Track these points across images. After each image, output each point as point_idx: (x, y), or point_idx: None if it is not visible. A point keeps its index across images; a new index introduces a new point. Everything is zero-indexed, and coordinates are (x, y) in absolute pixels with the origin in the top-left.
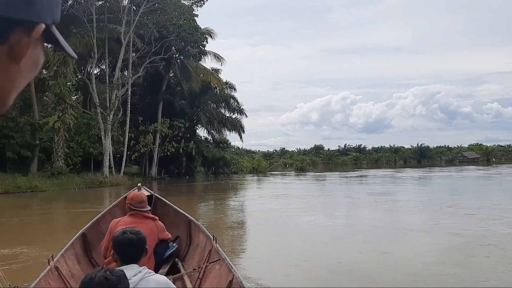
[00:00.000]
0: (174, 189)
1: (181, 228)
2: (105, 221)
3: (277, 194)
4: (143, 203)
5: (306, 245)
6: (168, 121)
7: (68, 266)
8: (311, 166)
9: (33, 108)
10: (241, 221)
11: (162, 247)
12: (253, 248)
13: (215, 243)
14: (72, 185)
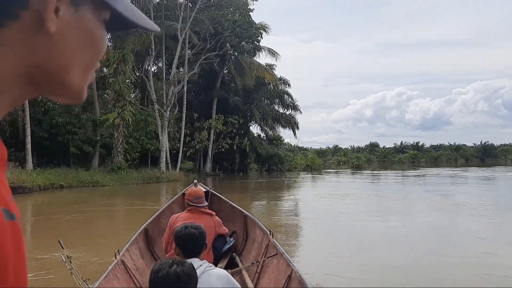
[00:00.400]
0: (228, 186)
1: (237, 223)
2: (165, 217)
3: (335, 194)
4: (201, 199)
5: (366, 247)
6: (223, 118)
7: (133, 260)
8: (367, 164)
9: (95, 105)
10: (298, 221)
11: (220, 242)
12: (310, 248)
13: (272, 238)
14: (130, 180)
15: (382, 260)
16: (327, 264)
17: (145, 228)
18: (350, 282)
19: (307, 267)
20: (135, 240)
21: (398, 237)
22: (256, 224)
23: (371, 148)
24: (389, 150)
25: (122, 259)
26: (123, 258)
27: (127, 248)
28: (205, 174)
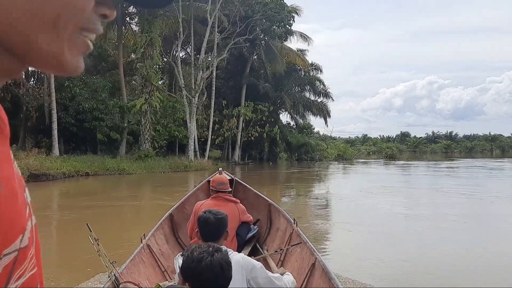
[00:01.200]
0: (258, 176)
1: (261, 211)
2: (190, 204)
3: (373, 187)
4: (225, 185)
5: (404, 244)
6: (252, 105)
7: (158, 244)
8: (401, 154)
9: (122, 91)
10: (330, 213)
11: (244, 229)
12: (339, 240)
13: (296, 226)
14: (157, 168)
15: (412, 259)
16: (354, 257)
17: (170, 214)
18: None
19: (333, 258)
20: (161, 225)
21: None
22: (280, 212)
23: (402, 137)
24: (421, 140)
25: (148, 244)
26: (149, 242)
27: (153, 233)
28: (233, 163)
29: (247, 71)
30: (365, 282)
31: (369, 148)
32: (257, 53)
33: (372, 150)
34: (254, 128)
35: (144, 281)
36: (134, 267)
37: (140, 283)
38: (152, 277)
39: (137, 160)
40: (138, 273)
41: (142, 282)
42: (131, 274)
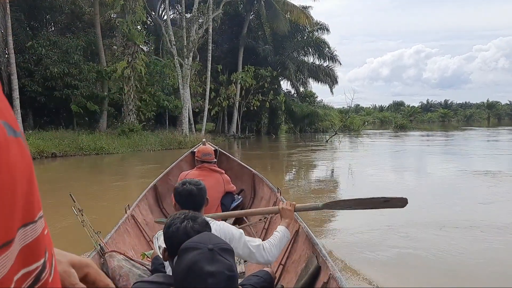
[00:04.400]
0: (267, 155)
1: (245, 181)
2: (174, 175)
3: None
4: (210, 156)
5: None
6: (253, 69)
7: (143, 215)
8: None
9: (100, 54)
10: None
11: (228, 199)
12: None
13: (279, 195)
14: (145, 146)
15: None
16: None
17: (154, 185)
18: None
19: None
20: (144, 196)
21: None
22: (264, 182)
23: (395, 107)
24: (416, 109)
25: (132, 214)
26: (133, 213)
27: (137, 204)
28: (232, 136)
29: (244, 32)
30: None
31: (364, 118)
32: (254, 12)
33: (377, 120)
34: (255, 96)
35: (130, 250)
36: (119, 237)
37: (126, 253)
38: (137, 246)
39: (120, 135)
40: (123, 243)
41: (128, 251)
42: (116, 244)
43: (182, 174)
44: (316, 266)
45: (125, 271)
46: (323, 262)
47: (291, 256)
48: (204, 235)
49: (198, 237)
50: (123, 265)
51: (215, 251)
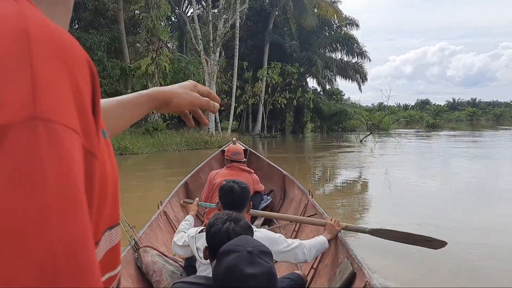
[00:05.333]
0: (296, 158)
1: (275, 182)
2: (204, 172)
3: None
4: (240, 155)
5: None
6: (280, 65)
7: (174, 211)
8: (448, 123)
9: (123, 50)
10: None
11: (257, 199)
12: None
13: (311, 198)
14: (171, 146)
15: None
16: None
17: (185, 182)
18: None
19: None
20: (176, 192)
21: None
22: (294, 183)
23: (421, 105)
24: (442, 107)
25: (164, 210)
26: (165, 209)
27: (169, 200)
28: (258, 135)
29: (270, 27)
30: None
31: (392, 116)
32: (280, 6)
33: (407, 119)
34: (282, 94)
35: (161, 246)
36: (152, 233)
37: (158, 248)
38: (168, 242)
39: (144, 134)
40: (156, 238)
41: (159, 247)
42: (149, 239)
43: (212, 173)
44: (351, 272)
45: (158, 267)
46: (359, 269)
47: (323, 260)
48: (242, 238)
49: (236, 240)
50: (157, 260)
51: (254, 253)
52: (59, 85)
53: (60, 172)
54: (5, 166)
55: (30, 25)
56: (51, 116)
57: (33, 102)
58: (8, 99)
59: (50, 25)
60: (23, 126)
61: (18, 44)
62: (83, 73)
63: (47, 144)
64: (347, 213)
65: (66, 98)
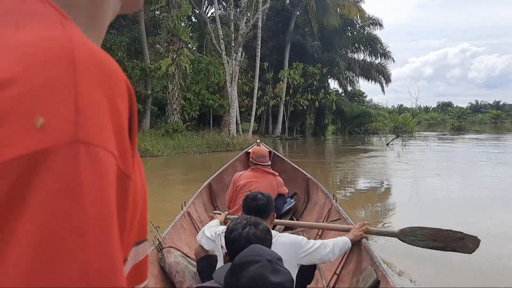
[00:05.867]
0: (321, 162)
1: (299, 185)
2: (228, 174)
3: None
4: (265, 158)
5: None
6: (302, 66)
7: (197, 212)
8: (472, 126)
9: (144, 51)
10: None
11: (280, 201)
12: None
13: (335, 202)
14: (191, 148)
15: None
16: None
17: (209, 183)
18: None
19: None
20: (200, 194)
21: None
22: (318, 187)
23: (443, 107)
24: (465, 109)
25: (188, 211)
26: (189, 210)
27: (193, 201)
28: (278, 137)
29: (291, 27)
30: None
31: (419, 118)
32: (302, 6)
33: (429, 121)
34: (303, 95)
35: (185, 246)
36: (175, 233)
37: (181, 248)
38: (191, 243)
39: (163, 136)
40: (179, 239)
41: (183, 247)
42: (172, 240)
43: (236, 174)
44: (375, 280)
45: (181, 268)
46: (383, 277)
47: (346, 267)
48: (254, 248)
49: (251, 250)
50: (180, 261)
51: (274, 261)
52: (100, 109)
53: (98, 195)
54: (45, 188)
55: (76, 49)
56: (92, 140)
57: (76, 126)
58: (52, 122)
59: (95, 50)
60: (66, 149)
61: (64, 68)
62: (122, 97)
63: (87, 167)
64: (374, 217)
65: (106, 121)
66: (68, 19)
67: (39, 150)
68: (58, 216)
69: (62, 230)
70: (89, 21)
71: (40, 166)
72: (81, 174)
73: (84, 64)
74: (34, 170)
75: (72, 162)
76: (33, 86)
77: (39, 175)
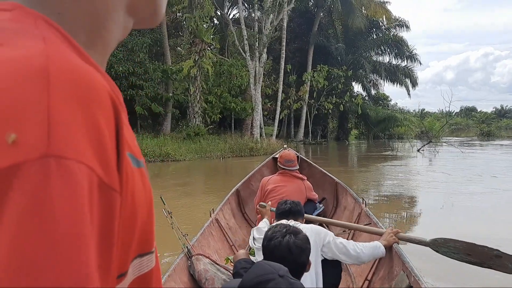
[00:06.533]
0: (353, 171)
1: (327, 190)
2: (255, 180)
3: None
4: (292, 162)
5: None
6: (326, 69)
7: (226, 219)
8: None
9: (165, 53)
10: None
11: (310, 207)
12: None
13: (364, 206)
14: (214, 152)
15: None
16: None
17: (236, 189)
18: None
19: None
20: (228, 200)
21: None
22: (347, 191)
23: (466, 112)
24: (490, 114)
25: (216, 218)
26: (217, 216)
27: (221, 208)
28: (301, 142)
29: (315, 29)
30: None
31: (431, 124)
32: (326, 7)
33: (453, 126)
34: (328, 98)
35: (214, 254)
36: (204, 240)
37: (210, 256)
38: (220, 250)
39: (185, 140)
40: (208, 246)
41: (212, 254)
42: (201, 247)
43: (264, 179)
44: (408, 286)
45: (210, 275)
46: (416, 282)
47: (378, 272)
48: (262, 265)
49: (259, 269)
50: (209, 268)
51: (286, 276)
52: (74, 123)
53: (69, 209)
54: (16, 204)
55: (51, 65)
56: (64, 153)
57: (47, 140)
58: (24, 137)
59: (73, 65)
60: (36, 163)
61: (37, 83)
62: (104, 110)
63: (58, 181)
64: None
65: (81, 135)
66: (62, 34)
67: (10, 165)
68: (29, 232)
69: (33, 246)
70: (91, 38)
71: (12, 182)
72: (51, 189)
73: (59, 79)
74: (6, 186)
75: (42, 176)
76: (5, 102)
77: (11, 191)
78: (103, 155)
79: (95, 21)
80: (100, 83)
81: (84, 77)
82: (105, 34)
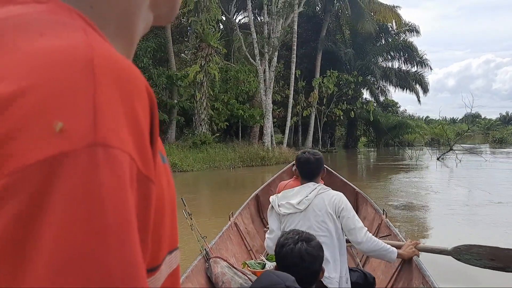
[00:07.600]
0: (371, 186)
1: (348, 199)
2: (275, 186)
3: None
4: None
5: None
6: (336, 74)
7: (244, 223)
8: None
9: (170, 58)
10: None
11: None
12: None
13: (385, 217)
14: (223, 162)
15: None
16: None
17: (256, 194)
18: None
19: None
20: (247, 205)
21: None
22: (368, 201)
23: (471, 119)
24: (494, 121)
25: (235, 222)
26: (236, 221)
27: (240, 212)
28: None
29: (323, 34)
30: None
31: (436, 131)
32: (334, 12)
33: (438, 133)
34: (337, 104)
35: (231, 257)
36: (222, 244)
37: (228, 259)
38: (238, 254)
39: (191, 148)
40: (226, 250)
41: (230, 258)
42: (219, 250)
43: (281, 184)
44: None
45: (227, 278)
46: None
47: (396, 284)
48: (269, 276)
49: (266, 280)
50: (226, 272)
51: (293, 287)
52: (118, 113)
53: (117, 196)
54: (63, 192)
55: (95, 56)
56: (110, 142)
57: (94, 129)
58: (71, 126)
59: (116, 57)
60: (84, 152)
61: (83, 73)
62: (142, 102)
63: (106, 169)
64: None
65: (124, 125)
66: (93, 28)
67: (57, 154)
68: (78, 220)
69: (82, 234)
70: (118, 32)
71: (58, 170)
72: (99, 177)
73: (103, 70)
74: (53, 175)
75: (90, 165)
76: (53, 91)
77: (59, 179)
78: (141, 145)
79: (124, 15)
80: (139, 75)
81: (125, 69)
82: (132, 28)
